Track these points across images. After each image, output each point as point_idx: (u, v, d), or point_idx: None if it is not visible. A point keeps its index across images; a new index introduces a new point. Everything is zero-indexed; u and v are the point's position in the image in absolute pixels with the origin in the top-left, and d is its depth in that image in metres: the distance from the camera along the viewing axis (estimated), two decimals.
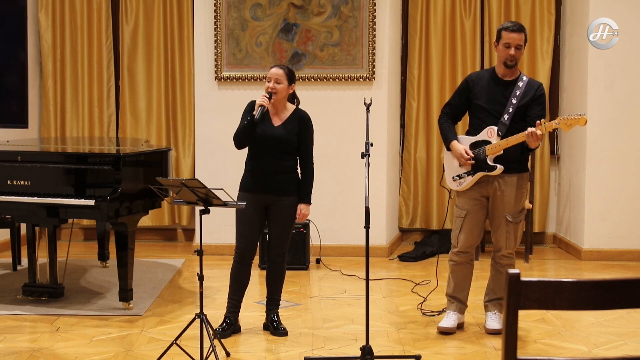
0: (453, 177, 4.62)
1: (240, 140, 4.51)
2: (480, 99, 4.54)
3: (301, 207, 4.53)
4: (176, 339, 3.99)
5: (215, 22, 6.76)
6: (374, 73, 6.70)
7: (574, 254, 6.91)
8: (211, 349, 3.89)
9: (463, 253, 4.62)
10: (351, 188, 6.69)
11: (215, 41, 6.77)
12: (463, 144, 4.56)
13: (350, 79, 6.72)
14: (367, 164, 4.07)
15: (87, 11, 7.45)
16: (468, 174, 4.54)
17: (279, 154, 4.49)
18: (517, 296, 1.84)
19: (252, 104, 4.55)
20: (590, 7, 6.59)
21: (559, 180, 7.42)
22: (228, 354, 4.18)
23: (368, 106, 4.23)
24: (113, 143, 6.62)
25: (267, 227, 4.63)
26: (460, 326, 4.66)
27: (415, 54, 7.34)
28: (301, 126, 4.54)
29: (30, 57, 7.03)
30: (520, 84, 4.49)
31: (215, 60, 6.78)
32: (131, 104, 7.53)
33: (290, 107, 4.59)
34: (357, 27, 6.68)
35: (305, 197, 4.54)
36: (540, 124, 4.28)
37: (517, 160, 4.52)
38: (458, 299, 4.66)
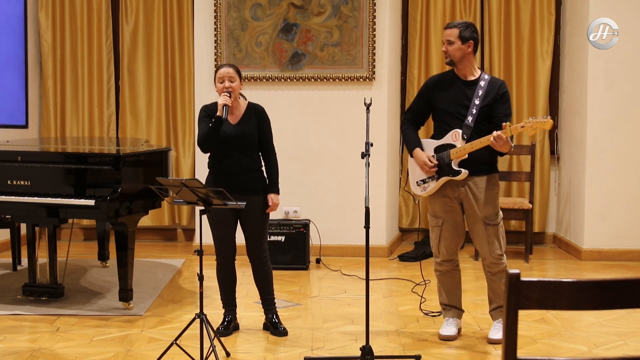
0: (417, 182, 4.49)
1: (207, 143, 4.42)
2: (441, 102, 4.41)
3: (272, 197, 4.52)
4: (176, 339, 3.99)
5: (215, 22, 6.76)
6: (374, 73, 6.70)
7: (574, 254, 6.90)
8: (211, 349, 3.90)
9: (447, 262, 4.52)
10: (351, 188, 6.69)
11: (215, 41, 6.77)
12: (427, 148, 4.44)
13: (350, 79, 6.72)
14: (367, 164, 4.07)
15: (87, 11, 7.46)
16: (431, 178, 4.41)
17: (242, 152, 4.47)
18: (517, 296, 1.83)
19: (206, 109, 4.52)
20: (590, 7, 6.59)
21: (559, 180, 7.42)
22: (228, 354, 4.18)
23: (368, 106, 4.23)
24: (113, 143, 6.62)
25: (242, 230, 4.58)
26: (458, 331, 4.61)
27: (415, 54, 7.34)
28: (259, 119, 4.54)
29: (30, 57, 7.03)
30: (482, 83, 4.34)
31: (215, 60, 6.78)
32: (131, 104, 7.53)
33: (243, 103, 4.59)
34: (357, 27, 6.68)
35: (274, 187, 4.54)
36: (506, 127, 4.13)
37: (485, 162, 4.36)
38: (453, 306, 4.59)
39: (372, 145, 4.14)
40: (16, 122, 6.19)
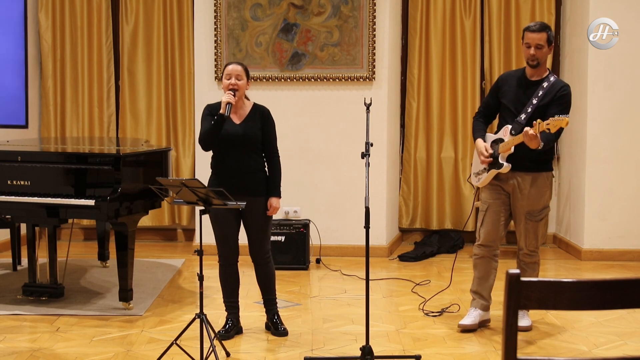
0: (474, 173, 4.78)
1: (207, 141, 4.41)
2: (505, 98, 4.63)
3: (272, 201, 4.49)
4: (176, 339, 3.99)
5: (215, 22, 6.76)
6: (374, 73, 6.70)
7: (574, 254, 6.91)
8: (211, 349, 3.90)
9: (485, 247, 4.69)
10: (351, 188, 6.69)
11: (215, 41, 6.77)
12: (487, 141, 4.67)
13: (350, 79, 6.72)
14: (367, 164, 4.07)
15: (87, 11, 7.46)
16: (484, 170, 4.66)
17: (244, 153, 4.45)
18: (517, 296, 1.84)
19: (210, 108, 4.51)
20: (590, 7, 6.59)
21: (559, 180, 7.42)
22: (228, 354, 4.18)
23: (368, 106, 4.23)
24: (113, 143, 6.62)
25: (245, 231, 4.57)
26: (483, 324, 4.69)
27: (415, 54, 7.34)
28: (263, 120, 4.51)
29: (30, 57, 7.03)
30: (545, 84, 4.52)
31: (215, 60, 6.78)
32: (131, 104, 7.53)
33: (249, 104, 4.56)
34: (357, 27, 6.68)
35: (275, 190, 4.51)
36: (536, 124, 4.30)
37: (533, 160, 4.53)
38: (480, 295, 4.70)
39: (372, 145, 4.15)
40: (16, 122, 6.19)
